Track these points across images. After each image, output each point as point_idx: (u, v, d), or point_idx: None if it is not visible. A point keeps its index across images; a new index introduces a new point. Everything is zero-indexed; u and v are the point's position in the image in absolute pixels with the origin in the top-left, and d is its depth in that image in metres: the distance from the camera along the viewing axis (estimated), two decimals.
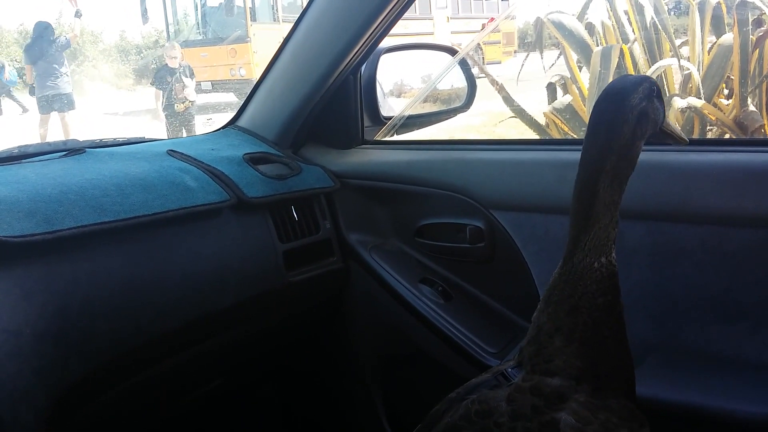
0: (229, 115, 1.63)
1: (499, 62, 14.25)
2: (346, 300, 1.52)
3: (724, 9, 3.72)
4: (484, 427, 0.75)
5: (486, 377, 0.85)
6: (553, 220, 1.23)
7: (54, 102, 8.26)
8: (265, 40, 11.08)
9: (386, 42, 1.48)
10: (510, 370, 0.84)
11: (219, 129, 1.58)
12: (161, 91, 7.99)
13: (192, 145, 1.42)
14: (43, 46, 8.07)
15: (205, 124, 8.24)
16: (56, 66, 8.17)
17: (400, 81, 2.09)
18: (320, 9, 1.38)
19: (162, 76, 7.96)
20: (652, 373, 1.07)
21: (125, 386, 1.16)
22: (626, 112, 0.81)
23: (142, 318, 1.11)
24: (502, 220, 1.30)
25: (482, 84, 3.87)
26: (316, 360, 1.63)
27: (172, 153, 1.35)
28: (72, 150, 1.31)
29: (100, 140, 1.47)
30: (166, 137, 1.53)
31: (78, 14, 8.65)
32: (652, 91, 0.83)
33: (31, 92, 8.70)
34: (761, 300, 1.06)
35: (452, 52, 1.73)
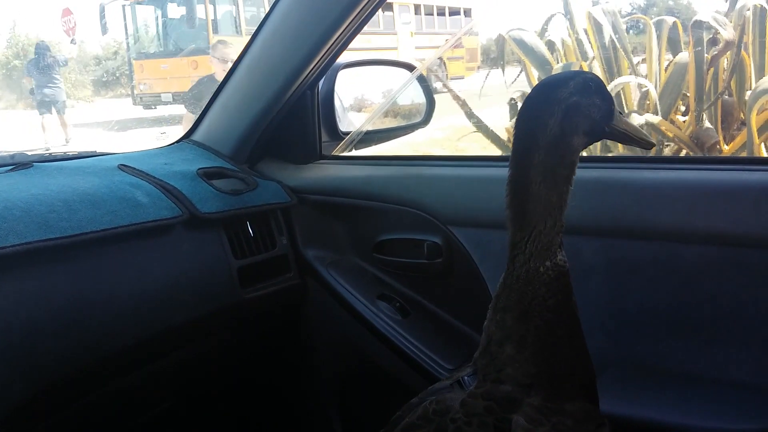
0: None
1: (463, 77, 14.39)
2: (302, 317, 1.50)
3: (680, 28, 3.82)
4: (441, 423, 0.75)
5: (444, 383, 0.86)
6: None
7: (52, 105, 10.39)
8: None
9: (348, 56, 1.47)
10: (466, 378, 0.83)
11: (173, 143, 1.55)
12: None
13: (144, 160, 1.39)
14: (44, 62, 10.28)
15: (159, 138, 8.11)
16: (55, 77, 10.39)
17: (361, 96, 2.09)
18: (277, 23, 1.36)
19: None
20: (608, 389, 1.06)
21: (74, 408, 1.12)
22: (552, 104, 0.78)
23: (90, 337, 1.08)
24: (460, 236, 1.30)
25: (446, 99, 3.90)
26: (272, 378, 1.60)
27: (123, 168, 1.32)
28: (19, 164, 1.27)
29: (49, 154, 1.44)
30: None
31: (73, 42, 11.61)
32: (588, 87, 0.80)
33: (31, 92, 10.95)
34: (712, 316, 1.07)
35: (410, 68, 1.73)
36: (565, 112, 0.78)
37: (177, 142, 1.55)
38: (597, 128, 0.82)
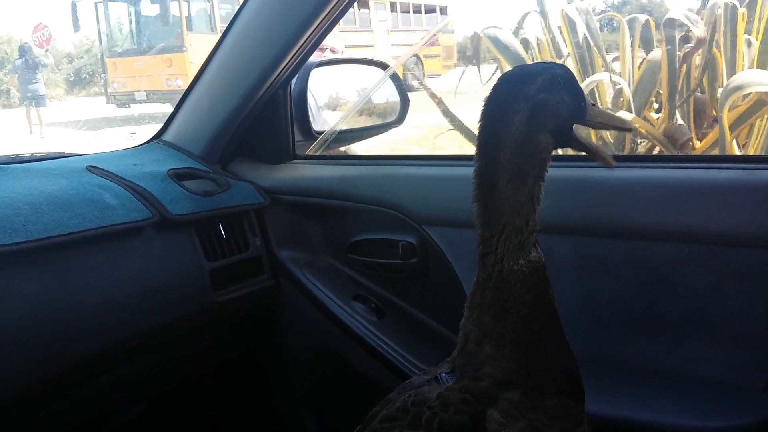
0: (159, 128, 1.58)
1: (440, 75, 14.42)
2: (277, 319, 1.49)
3: (653, 26, 3.85)
4: (418, 412, 0.75)
5: (422, 379, 0.84)
6: None
7: (33, 100, 11.81)
8: (202, 50, 10.94)
9: (322, 55, 1.46)
10: (444, 375, 0.83)
11: (143, 143, 1.52)
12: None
13: (114, 161, 1.36)
14: (27, 62, 11.77)
15: (129, 138, 8.01)
16: (36, 74, 11.84)
17: (336, 94, 2.08)
18: (247, 22, 1.35)
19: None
20: None
21: (40, 415, 1.10)
22: (518, 101, 0.76)
23: (57, 343, 1.06)
24: (435, 236, 1.30)
25: (423, 97, 3.90)
26: (246, 380, 1.58)
27: (91, 169, 1.29)
28: None
29: (16, 155, 1.40)
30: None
31: (48, 52, 13.38)
32: (556, 83, 0.77)
33: (7, 93, 13.60)
34: (683, 313, 1.08)
35: (383, 66, 1.72)
36: (531, 110, 0.76)
37: (147, 142, 1.52)
38: (564, 127, 0.79)
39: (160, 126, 1.55)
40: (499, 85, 0.78)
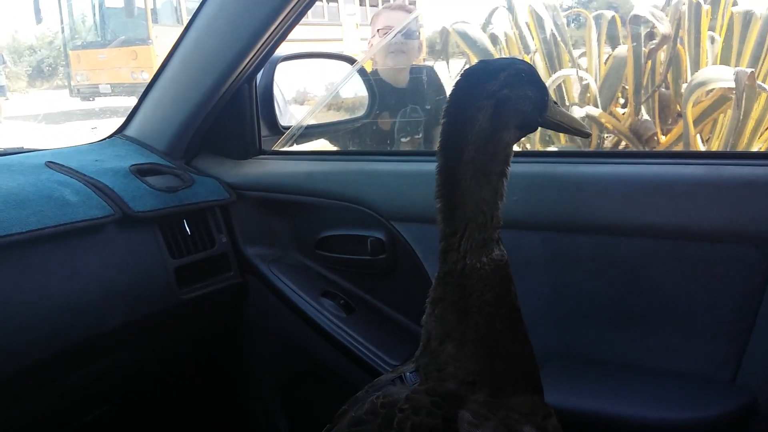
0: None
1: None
2: (244, 316, 1.47)
3: (619, 23, 3.89)
4: (388, 414, 0.74)
5: (388, 376, 0.83)
6: None
7: None
8: (168, 43, 10.74)
9: (294, 47, 1.43)
10: (408, 374, 0.82)
11: (105, 138, 1.48)
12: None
13: (74, 156, 1.32)
14: None
15: (91, 133, 7.84)
16: None
17: (303, 89, 2.06)
18: (211, 14, 1.32)
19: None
20: (551, 381, 1.07)
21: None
22: (481, 98, 0.75)
23: (14, 345, 1.03)
24: (403, 232, 1.29)
25: None
26: (213, 380, 1.56)
27: (51, 165, 1.26)
28: None
29: None
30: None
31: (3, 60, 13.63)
32: (520, 78, 0.77)
33: None
34: (651, 307, 1.09)
35: (351, 61, 1.71)
36: (495, 106, 0.75)
37: (109, 137, 1.49)
38: (529, 121, 0.79)
39: (123, 119, 1.51)
40: (462, 82, 0.77)
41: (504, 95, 0.75)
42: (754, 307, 1.01)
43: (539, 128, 0.84)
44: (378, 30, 2.29)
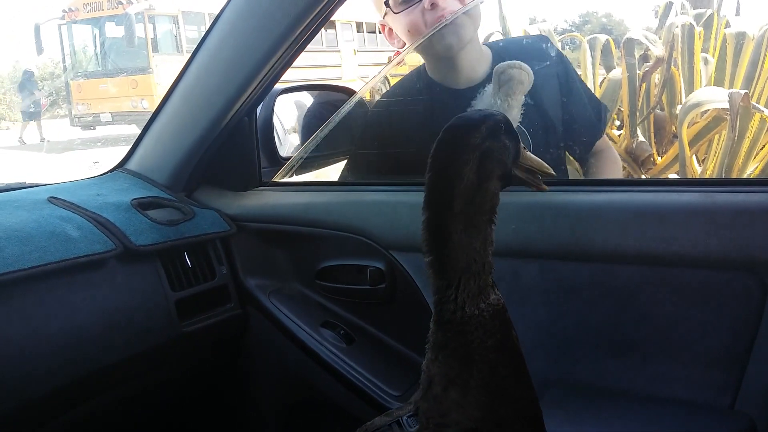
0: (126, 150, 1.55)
1: None
2: (244, 347, 1.47)
3: (613, 45, 3.93)
4: None
5: (384, 421, 0.83)
6: None
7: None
8: (168, 71, 10.86)
9: (293, 74, 1.45)
10: (406, 419, 0.82)
11: (106, 172, 1.50)
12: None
13: (76, 191, 1.34)
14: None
15: (91, 167, 7.87)
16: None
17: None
18: (212, 50, 1.34)
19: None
20: (549, 410, 1.07)
21: None
22: (466, 152, 0.76)
23: (15, 382, 1.03)
24: (402, 261, 1.30)
25: None
26: (213, 411, 1.56)
27: (53, 200, 1.27)
28: None
29: None
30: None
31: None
32: (498, 128, 0.79)
33: None
34: (647, 334, 1.09)
35: (349, 93, 1.73)
36: (479, 159, 0.76)
37: (110, 171, 1.51)
38: (508, 170, 0.81)
39: (124, 148, 1.53)
40: (445, 137, 0.78)
41: (487, 147, 0.77)
42: (752, 333, 1.02)
43: None
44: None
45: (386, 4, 1.48)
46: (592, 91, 3.84)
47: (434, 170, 0.78)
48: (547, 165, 0.86)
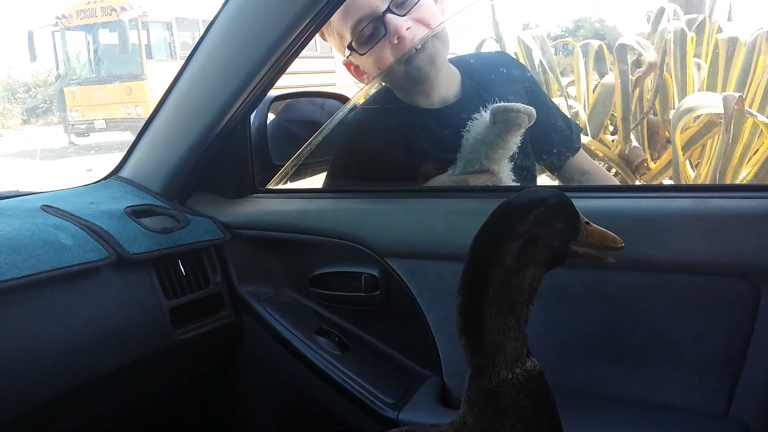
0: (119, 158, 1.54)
1: None
2: (239, 355, 1.47)
3: (606, 51, 3.95)
4: None
5: None
6: (445, 267, 1.23)
7: None
8: (162, 78, 10.85)
9: (287, 80, 1.45)
10: None
11: (100, 180, 1.50)
12: None
13: (69, 199, 1.34)
14: None
15: (85, 175, 7.86)
16: None
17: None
18: (205, 57, 1.34)
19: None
20: None
21: None
22: (510, 239, 0.74)
23: (8, 392, 1.03)
24: (397, 268, 1.30)
25: None
26: (208, 420, 1.55)
27: (46, 208, 1.27)
28: None
29: None
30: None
31: None
32: (550, 213, 0.76)
33: None
34: (641, 340, 1.09)
35: (343, 99, 1.73)
36: (522, 247, 0.74)
37: (104, 179, 1.50)
38: (559, 253, 0.78)
39: (118, 155, 1.53)
40: (490, 220, 0.77)
41: (533, 234, 0.75)
42: (745, 339, 1.02)
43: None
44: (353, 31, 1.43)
45: (350, 47, 1.47)
46: (583, 97, 3.86)
47: (474, 253, 0.76)
48: (614, 236, 0.82)
